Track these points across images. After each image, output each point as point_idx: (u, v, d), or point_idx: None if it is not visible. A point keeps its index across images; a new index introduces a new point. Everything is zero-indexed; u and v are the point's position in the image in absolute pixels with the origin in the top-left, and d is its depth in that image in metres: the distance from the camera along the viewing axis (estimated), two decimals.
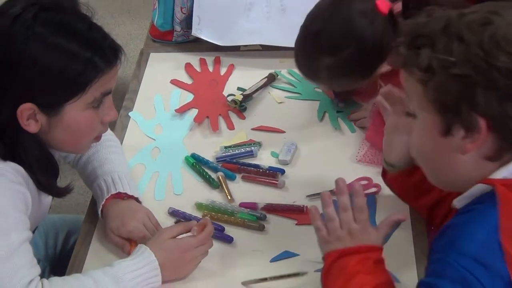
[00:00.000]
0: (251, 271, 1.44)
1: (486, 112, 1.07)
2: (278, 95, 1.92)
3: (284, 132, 1.80)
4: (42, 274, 1.33)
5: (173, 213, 1.59)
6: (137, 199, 1.56)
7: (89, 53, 1.30)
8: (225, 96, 1.92)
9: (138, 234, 1.48)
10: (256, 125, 1.83)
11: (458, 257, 1.07)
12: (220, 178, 1.66)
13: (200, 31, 2.06)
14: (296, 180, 1.66)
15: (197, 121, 1.84)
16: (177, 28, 2.11)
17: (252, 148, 1.74)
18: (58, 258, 1.77)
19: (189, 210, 1.59)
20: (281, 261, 1.48)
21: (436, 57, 1.08)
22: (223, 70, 2.02)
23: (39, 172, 1.37)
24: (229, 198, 1.62)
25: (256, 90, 1.91)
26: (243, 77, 1.97)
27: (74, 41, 1.29)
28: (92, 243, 1.53)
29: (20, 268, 1.27)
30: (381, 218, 1.52)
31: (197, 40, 2.08)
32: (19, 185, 1.33)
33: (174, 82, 1.99)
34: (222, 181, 1.66)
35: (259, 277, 1.43)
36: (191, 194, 1.64)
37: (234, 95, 1.89)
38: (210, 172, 1.69)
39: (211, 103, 1.90)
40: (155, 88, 1.97)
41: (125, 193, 1.54)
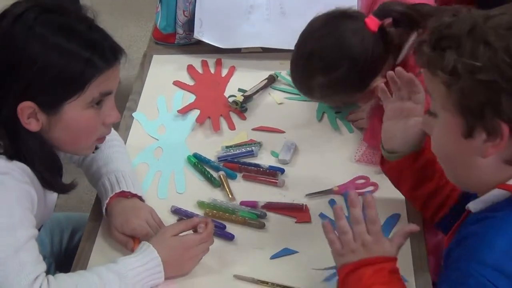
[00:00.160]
0: (252, 268, 1.44)
1: (510, 118, 1.04)
2: (278, 96, 1.92)
3: (284, 132, 1.80)
4: (48, 271, 1.33)
5: (176, 211, 1.59)
6: (141, 198, 1.56)
7: (88, 53, 1.29)
8: (226, 97, 1.91)
9: (142, 232, 1.48)
10: (257, 126, 1.82)
11: (479, 267, 1.05)
12: (222, 177, 1.66)
13: (202, 34, 2.06)
14: (296, 179, 1.66)
15: (199, 122, 1.84)
16: (180, 31, 2.10)
17: (253, 148, 1.73)
18: (64, 255, 1.76)
19: (191, 209, 1.59)
20: (281, 258, 1.47)
21: (462, 61, 1.04)
22: (225, 72, 2.02)
23: (43, 170, 1.36)
24: (230, 197, 1.62)
25: (257, 91, 1.91)
26: (244, 79, 1.97)
27: (74, 41, 1.29)
28: (97, 240, 1.53)
29: (27, 265, 1.27)
30: (379, 216, 1.52)
31: (199, 43, 2.08)
32: (25, 184, 1.32)
33: (177, 84, 1.99)
34: (224, 180, 1.65)
35: (259, 278, 1.42)
36: (193, 193, 1.64)
37: (235, 96, 1.89)
38: (212, 171, 1.69)
39: (213, 104, 1.90)
40: (158, 89, 1.97)
41: (129, 192, 1.54)
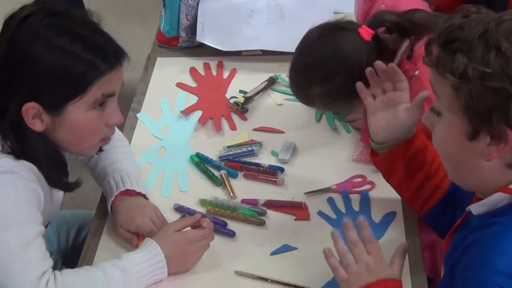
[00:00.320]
0: (252, 264, 1.45)
1: None
2: (278, 98, 1.92)
3: (284, 133, 1.80)
4: (55, 267, 1.33)
5: (179, 209, 1.59)
6: (145, 196, 1.56)
7: (91, 55, 1.29)
8: (228, 99, 1.91)
9: (146, 229, 1.48)
10: (257, 126, 1.82)
11: (491, 275, 1.03)
12: (223, 176, 1.66)
13: (204, 37, 2.06)
14: (295, 178, 1.66)
15: (201, 122, 1.84)
16: (182, 34, 2.10)
17: (253, 148, 1.73)
18: (70, 251, 1.77)
19: (194, 206, 1.59)
20: (281, 254, 1.47)
21: (472, 66, 1.01)
22: (226, 74, 2.02)
23: (49, 168, 1.36)
24: (232, 195, 1.62)
25: (257, 93, 1.91)
26: (245, 81, 1.97)
27: (77, 44, 1.29)
28: (102, 237, 1.53)
29: (34, 261, 1.27)
30: (376, 213, 1.54)
31: (201, 46, 2.08)
32: (32, 182, 1.32)
33: (180, 85, 1.99)
34: (225, 179, 1.65)
35: (260, 274, 1.41)
36: (196, 191, 1.64)
37: (236, 98, 1.89)
38: (214, 170, 1.69)
39: (215, 105, 1.90)
40: (162, 91, 1.97)
41: (133, 190, 1.54)
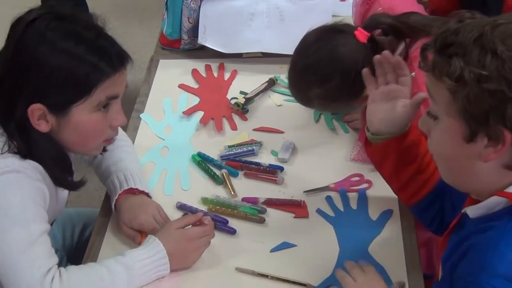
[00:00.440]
0: (253, 260, 1.45)
1: None
2: (278, 98, 1.92)
3: (283, 133, 1.80)
4: (60, 263, 1.34)
5: (181, 207, 1.59)
6: (148, 194, 1.56)
7: (95, 58, 1.29)
8: (229, 99, 1.91)
9: (149, 227, 1.48)
10: (257, 126, 1.82)
11: (490, 279, 1.03)
12: (224, 175, 1.66)
13: (206, 40, 2.06)
14: (294, 177, 1.66)
15: (203, 122, 1.84)
16: (185, 37, 2.10)
17: (254, 147, 1.73)
18: (75, 248, 1.77)
19: (196, 205, 1.59)
20: (280, 251, 1.47)
21: (469, 69, 1.00)
22: (227, 75, 2.02)
23: (54, 168, 1.36)
24: (232, 193, 1.62)
25: (257, 94, 1.91)
26: (245, 82, 1.97)
27: (82, 47, 1.29)
28: (106, 235, 1.53)
29: (40, 258, 1.27)
30: (373, 211, 1.54)
31: (203, 48, 2.08)
32: (38, 181, 1.33)
33: (182, 87, 1.99)
34: (226, 178, 1.66)
35: (260, 271, 1.41)
36: (198, 190, 1.64)
37: (237, 98, 1.89)
38: (215, 169, 1.69)
39: (216, 106, 1.90)
40: (164, 92, 1.97)
41: (137, 189, 1.54)
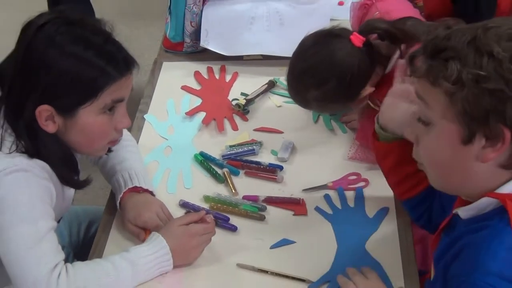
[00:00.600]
0: (253, 257, 1.45)
1: None
2: (277, 100, 1.92)
3: (283, 133, 1.80)
4: (67, 259, 1.34)
5: (184, 205, 1.59)
6: (152, 193, 1.56)
7: (103, 62, 1.29)
8: (230, 101, 1.91)
9: (152, 224, 1.48)
10: (258, 126, 1.83)
11: (484, 277, 1.03)
12: (225, 174, 1.66)
13: (208, 43, 2.06)
14: (293, 176, 1.66)
15: (205, 123, 1.84)
16: (187, 40, 2.10)
17: (254, 147, 1.73)
18: (81, 245, 1.77)
19: (198, 202, 1.59)
20: (280, 248, 1.48)
21: (467, 71, 0.99)
22: (228, 77, 2.02)
23: (60, 167, 1.37)
24: (233, 192, 1.62)
25: (258, 95, 1.91)
26: (246, 84, 1.97)
27: (90, 51, 1.29)
28: (111, 232, 1.53)
29: (47, 254, 1.28)
30: (370, 209, 1.54)
31: (205, 51, 2.08)
32: (45, 180, 1.33)
33: (185, 88, 1.99)
34: (227, 176, 1.66)
35: (260, 267, 1.41)
36: (200, 188, 1.64)
37: (238, 100, 1.89)
38: (217, 168, 1.69)
39: (218, 107, 1.90)
40: (168, 94, 1.97)
41: (141, 187, 1.54)
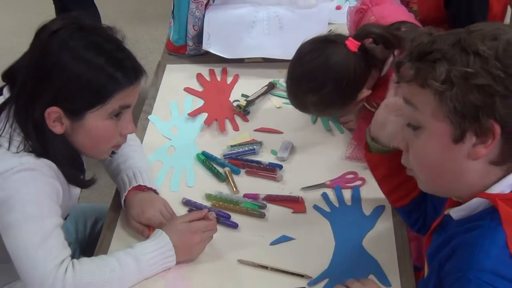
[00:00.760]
0: (254, 253, 1.45)
1: (503, 119, 1.00)
2: (277, 101, 1.92)
3: (282, 133, 1.80)
4: (73, 255, 1.34)
5: (186, 203, 1.59)
6: (155, 191, 1.57)
7: (113, 69, 1.30)
8: (231, 102, 1.92)
9: (156, 221, 1.49)
10: (258, 127, 1.83)
11: (478, 273, 1.03)
12: (227, 173, 1.67)
13: (210, 46, 2.06)
14: (292, 174, 1.67)
15: (207, 123, 1.84)
16: (190, 43, 2.11)
17: (254, 147, 1.74)
18: (87, 241, 1.77)
19: (200, 200, 1.60)
20: (280, 244, 1.48)
21: (455, 69, 1.01)
22: (229, 79, 2.02)
23: (67, 167, 1.37)
24: (234, 190, 1.62)
25: (258, 97, 1.92)
26: (247, 85, 1.97)
27: (101, 58, 1.30)
28: (116, 229, 1.54)
29: (54, 250, 1.28)
30: (366, 207, 1.55)
31: (207, 53, 2.08)
32: (51, 179, 1.34)
33: (187, 90, 1.99)
34: (229, 175, 1.66)
35: (260, 263, 1.42)
36: (202, 186, 1.64)
37: (239, 101, 1.90)
38: (218, 167, 1.69)
39: (219, 108, 1.90)
40: (171, 95, 1.97)
41: (145, 186, 1.54)
